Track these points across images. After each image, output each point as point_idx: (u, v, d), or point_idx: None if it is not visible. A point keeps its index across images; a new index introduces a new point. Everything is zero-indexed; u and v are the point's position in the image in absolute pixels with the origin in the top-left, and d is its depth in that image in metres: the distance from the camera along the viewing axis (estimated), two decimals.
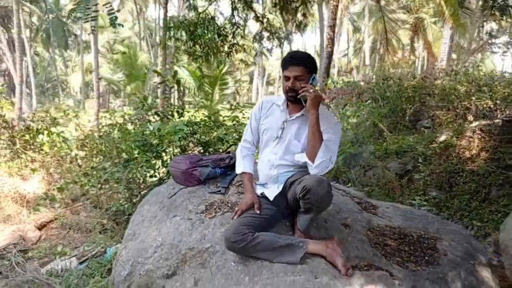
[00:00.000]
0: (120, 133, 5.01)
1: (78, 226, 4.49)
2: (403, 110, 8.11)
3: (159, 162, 4.55)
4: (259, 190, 2.69)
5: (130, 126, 5.30)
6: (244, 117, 5.72)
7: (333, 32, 12.94)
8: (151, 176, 4.50)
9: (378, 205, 3.23)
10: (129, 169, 4.32)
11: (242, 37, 8.19)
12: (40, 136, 6.76)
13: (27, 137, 6.64)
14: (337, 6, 12.75)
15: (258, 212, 2.50)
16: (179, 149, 4.85)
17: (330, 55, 12.67)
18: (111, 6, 4.53)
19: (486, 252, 2.87)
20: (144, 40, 42.75)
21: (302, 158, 2.47)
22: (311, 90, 2.42)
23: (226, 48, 7.94)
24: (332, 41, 12.75)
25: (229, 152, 3.59)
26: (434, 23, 27.51)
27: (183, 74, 22.08)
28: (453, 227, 3.01)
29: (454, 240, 2.76)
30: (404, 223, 2.96)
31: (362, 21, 36.66)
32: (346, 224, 2.80)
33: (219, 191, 3.10)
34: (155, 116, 5.48)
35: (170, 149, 4.70)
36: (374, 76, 10.52)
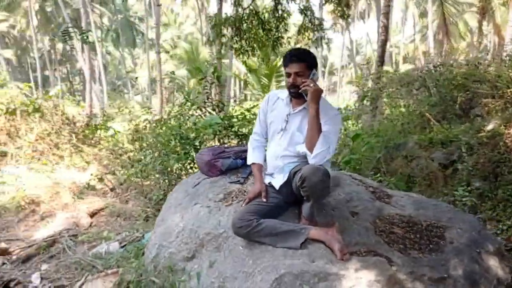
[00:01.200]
0: (163, 127, 5.35)
1: (125, 214, 4.89)
2: (454, 98, 7.85)
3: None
4: (267, 180, 2.87)
5: (173, 121, 5.63)
6: None
7: (387, 19, 12.66)
8: (191, 168, 4.79)
9: (393, 195, 3.29)
10: (168, 161, 4.63)
11: (286, 30, 8.30)
12: (99, 131, 7.34)
13: (86, 132, 7.23)
14: None
15: (264, 200, 2.68)
16: (216, 142, 5.11)
17: (384, 43, 12.40)
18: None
19: (496, 241, 2.85)
20: (206, 36, 43.65)
21: (302, 148, 2.63)
22: (311, 85, 2.57)
23: (271, 42, 8.09)
24: (386, 29, 12.46)
25: None
26: (503, 4, 25.90)
27: (243, 68, 22.45)
28: (466, 217, 3.02)
29: (463, 229, 2.78)
30: (416, 212, 3.01)
31: (427, 5, 35.14)
32: (355, 212, 2.90)
33: (238, 181, 3.30)
34: (198, 111, 5.79)
35: (211, 142, 4.97)
36: (425, 64, 10.21)
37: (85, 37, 4.99)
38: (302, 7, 7.95)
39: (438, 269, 2.44)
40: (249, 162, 3.00)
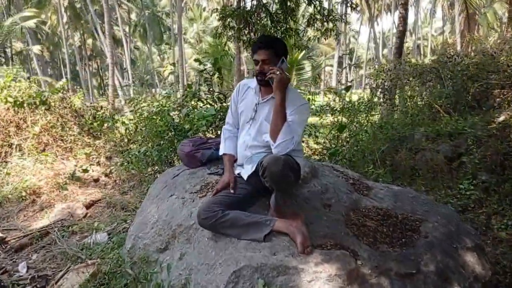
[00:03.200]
0: (161, 119, 5.36)
1: (121, 205, 4.93)
2: (467, 89, 7.61)
3: None
4: (237, 170, 2.82)
5: (173, 113, 5.63)
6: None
7: (406, 10, 12.38)
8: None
9: (373, 187, 3.19)
10: (162, 152, 4.64)
11: (295, 22, 8.18)
12: (106, 124, 7.43)
13: (94, 125, 7.32)
14: None
15: (232, 191, 2.63)
16: (211, 133, 5.08)
17: (402, 34, 12.14)
18: None
19: (477, 236, 2.73)
20: (215, 29, 43.70)
21: (267, 137, 2.56)
22: (277, 72, 2.50)
23: (279, 34, 7.98)
24: (404, 20, 12.21)
25: None
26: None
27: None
28: (443, 210, 2.90)
29: (439, 222, 2.67)
30: (394, 204, 2.91)
31: None
32: (328, 204, 2.82)
33: (217, 172, 3.26)
34: (199, 103, 5.78)
35: (207, 133, 4.95)
36: (439, 55, 9.93)
37: None
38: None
39: (407, 264, 2.35)
40: (220, 152, 2.96)
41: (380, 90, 9.29)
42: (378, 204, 2.90)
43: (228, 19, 7.99)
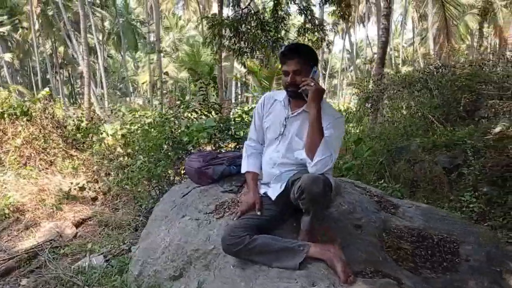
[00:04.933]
0: (156, 131, 5.08)
1: (113, 223, 4.61)
2: (458, 99, 7.59)
3: None
4: (262, 190, 2.59)
5: (167, 125, 5.35)
6: None
7: (388, 21, 12.44)
8: (184, 173, 4.53)
9: (399, 204, 3.01)
10: (159, 167, 4.36)
11: (286, 31, 8.04)
12: (90, 135, 7.06)
13: (77, 136, 6.96)
14: None
15: (258, 213, 2.41)
16: (212, 146, 4.84)
17: (385, 44, 12.18)
18: None
19: None
20: (204, 37, 43.55)
21: (301, 155, 2.35)
22: (312, 84, 2.29)
23: (270, 43, 7.83)
24: (387, 30, 12.24)
25: None
26: (505, 6, 25.81)
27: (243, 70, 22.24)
28: (479, 230, 2.74)
29: (479, 244, 2.51)
30: (425, 224, 2.74)
31: (427, 8, 35.03)
32: (359, 225, 2.62)
33: (232, 190, 3.03)
34: (193, 114, 5.52)
35: (206, 146, 4.70)
36: (426, 65, 9.97)
37: None
38: (301, 7, 7.68)
39: None
40: (243, 170, 2.72)
41: (369, 100, 9.23)
42: (409, 224, 2.72)
43: (218, 28, 7.80)
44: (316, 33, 7.79)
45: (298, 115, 2.46)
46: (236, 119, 5.32)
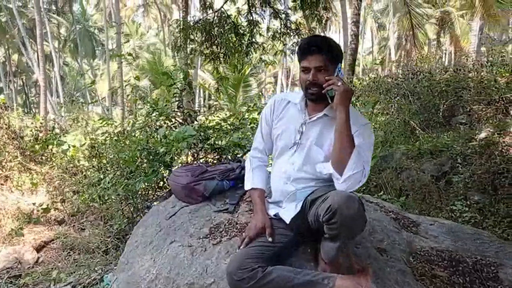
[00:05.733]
0: (127, 141, 4.58)
1: (80, 246, 4.07)
2: (436, 105, 7.45)
3: (167, 172, 4.09)
4: (272, 210, 2.17)
5: (139, 134, 4.86)
6: None
7: (357, 28, 12.40)
8: (159, 188, 4.05)
9: (419, 221, 2.67)
10: (133, 184, 3.87)
11: (260, 35, 7.68)
12: (50, 146, 6.42)
13: (36, 148, 6.31)
14: (360, 1, 12.20)
15: (270, 239, 1.99)
16: (190, 157, 4.40)
17: (354, 51, 12.13)
18: None
19: None
20: (169, 46, 42.83)
21: (327, 169, 1.95)
22: (339, 83, 1.91)
23: (244, 48, 7.45)
24: (356, 37, 12.22)
25: (240, 161, 3.09)
26: (462, 16, 26.66)
27: (208, 78, 21.80)
28: None
29: None
30: (454, 244, 2.40)
31: (386, 18, 35.86)
32: (382, 248, 2.25)
33: (227, 209, 2.60)
34: (167, 122, 5.06)
35: (182, 157, 4.24)
36: (400, 72, 9.88)
37: None
38: (276, 11, 7.35)
39: None
40: (247, 186, 2.29)
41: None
42: (436, 245, 2.37)
43: (188, 31, 7.35)
44: (291, 38, 7.46)
45: (318, 120, 2.07)
46: (215, 127, 4.90)
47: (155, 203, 4.36)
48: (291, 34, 7.55)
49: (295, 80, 61.87)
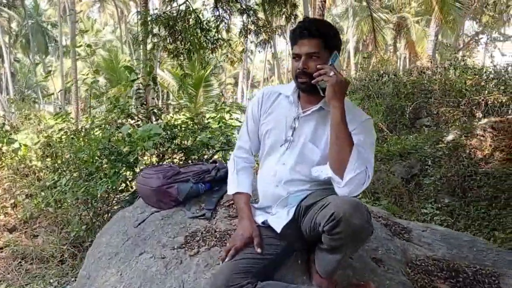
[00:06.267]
0: (85, 140, 4.20)
1: (33, 255, 3.67)
2: (402, 107, 7.45)
3: (131, 174, 3.77)
4: (259, 217, 1.92)
5: (99, 132, 4.49)
6: (232, 119, 4.99)
7: None
8: (121, 191, 3.72)
9: (410, 227, 2.49)
10: (94, 186, 3.52)
11: (227, 31, 7.42)
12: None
13: None
14: (324, 1, 12.15)
15: (259, 250, 1.75)
16: (155, 157, 4.09)
17: None
18: None
19: None
20: (126, 44, 41.78)
21: (325, 172, 1.72)
22: (331, 73, 1.66)
23: (210, 44, 7.16)
24: None
25: (215, 162, 2.82)
26: (417, 22, 27.44)
27: (167, 77, 21.30)
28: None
29: None
30: (450, 253, 2.24)
31: (345, 22, 36.40)
32: (378, 258, 2.05)
33: (203, 215, 2.34)
34: (129, 120, 4.71)
35: (146, 157, 3.93)
36: (365, 74, 9.89)
37: None
38: (244, 7, 7.11)
39: None
40: (231, 190, 2.02)
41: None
42: (431, 253, 2.21)
43: (151, 25, 6.99)
44: (260, 35, 7.25)
45: (313, 113, 1.82)
46: (182, 126, 4.61)
47: (115, 207, 4.04)
48: (259, 31, 7.33)
49: (254, 82, 62.00)
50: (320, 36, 1.73)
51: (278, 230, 1.79)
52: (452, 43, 24.07)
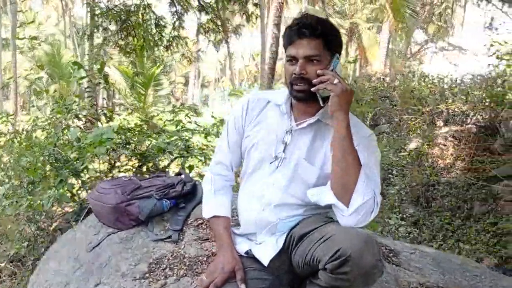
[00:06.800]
0: (24, 144, 3.74)
1: None
2: (363, 113, 7.39)
3: (79, 182, 3.37)
4: (242, 246, 1.62)
5: (42, 135, 4.03)
6: (191, 122, 4.64)
7: (278, 30, 12.20)
8: (67, 202, 3.30)
9: (398, 249, 2.29)
10: (35, 197, 3.09)
11: (183, 28, 7.06)
12: None
13: None
14: (282, 3, 12.03)
15: (242, 287, 1.46)
16: (107, 165, 3.69)
17: (275, 55, 11.90)
18: None
19: None
20: (70, 38, 40.09)
21: (324, 197, 1.45)
22: (335, 81, 1.40)
23: (165, 41, 6.79)
24: (277, 40, 11.99)
25: (180, 173, 2.51)
26: (369, 28, 28.11)
27: (114, 75, 20.49)
28: (508, 282, 2.14)
29: None
30: (443, 278, 2.05)
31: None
32: None
33: (169, 237, 2.02)
34: (76, 121, 4.27)
35: (95, 164, 3.52)
36: None
37: None
38: (202, 4, 6.79)
39: None
40: (208, 214, 1.69)
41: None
42: (424, 280, 2.00)
43: (102, 19, 6.53)
44: (218, 34, 6.95)
45: (308, 126, 1.55)
46: (136, 129, 4.23)
47: (60, 220, 3.61)
48: (217, 29, 7.04)
49: (205, 82, 61.50)
50: (322, 35, 1.46)
51: (265, 263, 1.52)
52: (403, 50, 24.77)
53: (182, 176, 2.41)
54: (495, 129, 5.57)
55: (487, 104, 5.55)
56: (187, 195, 2.28)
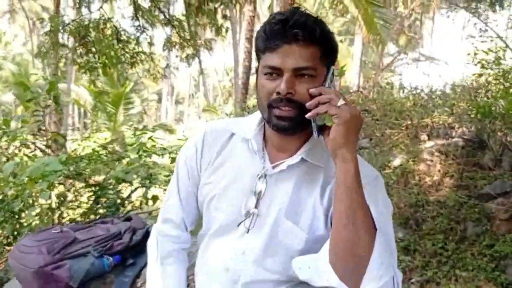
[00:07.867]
0: None
1: None
2: None
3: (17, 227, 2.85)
4: None
5: None
6: (155, 146, 4.14)
7: (251, 45, 11.93)
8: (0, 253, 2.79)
9: None
10: None
11: (149, 43, 6.60)
12: None
13: None
14: (253, 16, 11.78)
15: None
16: (52, 202, 3.18)
17: (248, 69, 11.62)
18: None
19: None
20: (38, 58, 39.31)
21: (322, 276, 0.95)
22: (339, 102, 0.92)
23: (128, 58, 6.32)
24: (249, 54, 11.72)
25: (129, 219, 2.01)
26: (341, 41, 28.31)
27: (84, 94, 19.81)
28: None
29: None
30: None
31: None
32: None
33: None
34: (24, 150, 3.78)
35: (36, 203, 3.01)
36: None
37: None
38: (168, 18, 6.36)
39: None
40: None
41: None
42: None
43: (59, 34, 6.03)
44: (186, 49, 6.51)
45: (289, 169, 1.07)
46: (91, 157, 3.74)
47: None
48: (185, 44, 6.61)
49: (179, 98, 61.01)
50: (320, 41, 0.98)
51: None
52: (376, 62, 24.91)
53: (132, 222, 1.93)
54: (483, 142, 5.28)
55: (472, 116, 5.25)
56: (137, 247, 1.79)
